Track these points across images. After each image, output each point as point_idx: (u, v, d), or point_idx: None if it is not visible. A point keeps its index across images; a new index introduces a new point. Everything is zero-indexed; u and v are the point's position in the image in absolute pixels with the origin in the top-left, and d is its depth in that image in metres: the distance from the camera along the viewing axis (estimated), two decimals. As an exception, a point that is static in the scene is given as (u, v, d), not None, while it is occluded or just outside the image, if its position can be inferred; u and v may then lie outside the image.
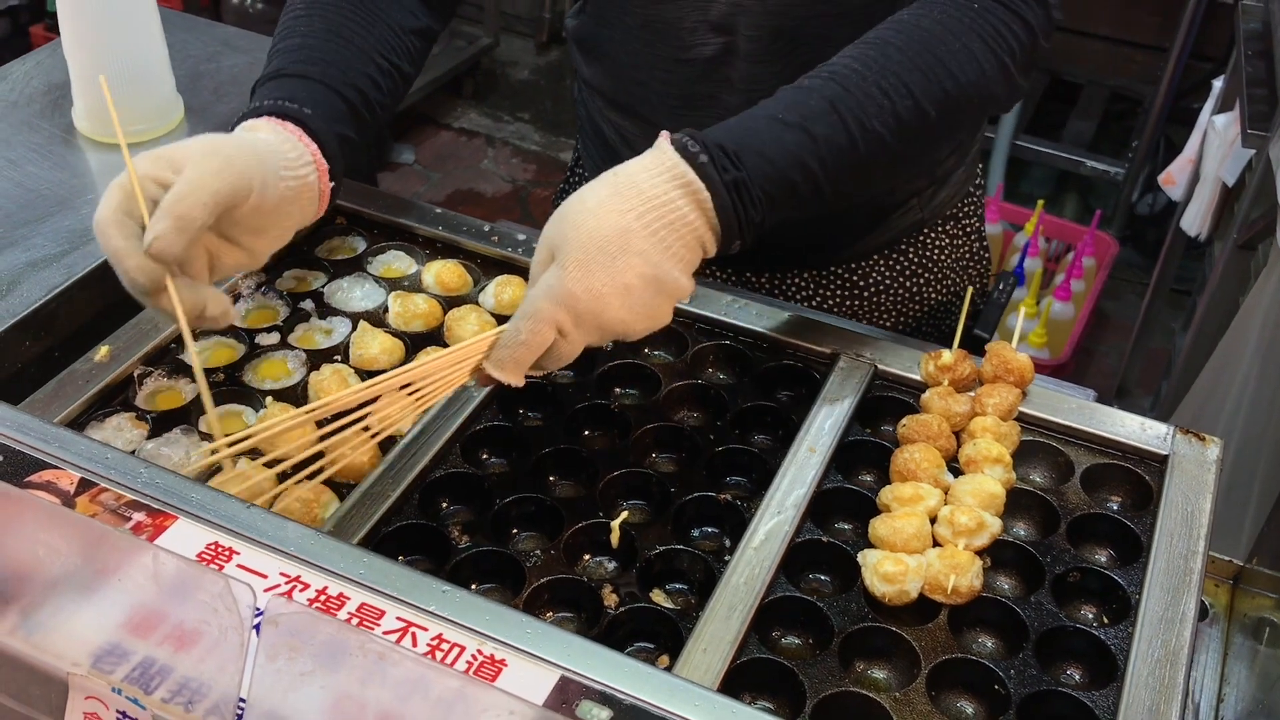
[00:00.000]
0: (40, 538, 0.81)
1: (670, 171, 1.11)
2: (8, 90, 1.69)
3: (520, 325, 1.10)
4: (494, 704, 0.70)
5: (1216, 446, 1.26)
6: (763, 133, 1.14)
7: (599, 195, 1.10)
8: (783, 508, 1.17)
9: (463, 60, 4.69)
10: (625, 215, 1.08)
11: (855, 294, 1.62)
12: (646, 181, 1.10)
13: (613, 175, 1.12)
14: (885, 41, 1.19)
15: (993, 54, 1.20)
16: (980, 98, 1.22)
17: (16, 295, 1.33)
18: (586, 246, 1.07)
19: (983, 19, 1.21)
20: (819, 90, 1.16)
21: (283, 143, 1.19)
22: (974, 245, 1.70)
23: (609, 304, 1.09)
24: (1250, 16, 2.66)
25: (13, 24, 4.57)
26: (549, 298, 1.08)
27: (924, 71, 1.17)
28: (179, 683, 0.79)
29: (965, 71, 1.19)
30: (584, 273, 1.07)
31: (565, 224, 1.10)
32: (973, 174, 1.66)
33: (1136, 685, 1.03)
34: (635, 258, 1.08)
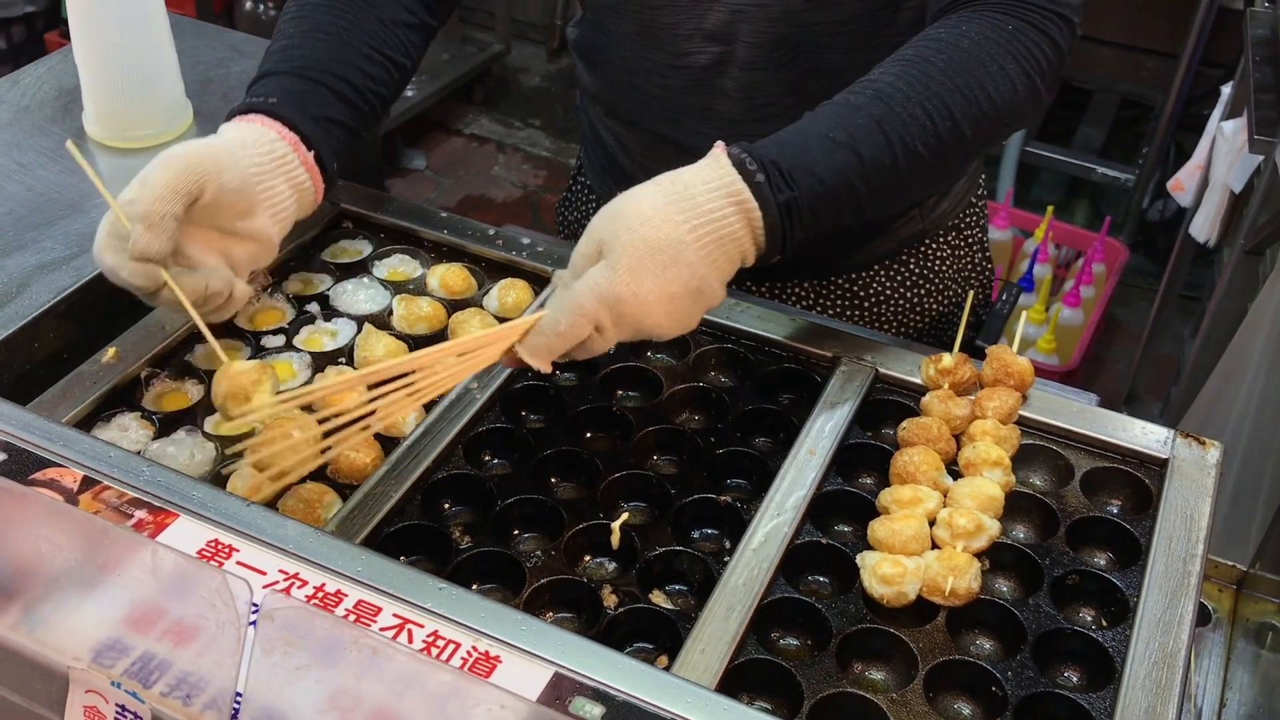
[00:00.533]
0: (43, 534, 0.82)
1: (727, 188, 1.13)
2: (19, 95, 1.70)
3: (561, 317, 1.11)
4: (486, 698, 0.71)
5: (1216, 450, 1.27)
6: (814, 151, 1.16)
7: (655, 203, 1.11)
8: (782, 509, 1.18)
9: (474, 67, 4.71)
10: (680, 226, 1.10)
11: (856, 304, 1.63)
12: (703, 194, 1.12)
13: (670, 183, 1.13)
14: (927, 60, 1.20)
15: (1025, 75, 1.22)
16: (1012, 117, 1.24)
17: (26, 297, 1.35)
18: (640, 252, 1.09)
19: (1016, 40, 1.22)
20: (866, 109, 1.17)
21: (242, 131, 1.24)
22: (976, 256, 1.70)
23: (652, 310, 1.11)
24: (1258, 23, 2.66)
25: (28, 30, 4.61)
26: (595, 296, 1.10)
27: (964, 93, 1.19)
28: (177, 677, 0.80)
29: (1001, 93, 1.21)
30: (634, 278, 1.09)
31: (619, 225, 1.11)
32: (975, 184, 1.67)
33: (1134, 687, 1.04)
34: (684, 269, 1.10)
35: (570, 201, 1.81)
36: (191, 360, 1.33)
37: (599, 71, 1.53)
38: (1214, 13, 3.53)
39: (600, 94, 1.57)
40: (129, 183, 1.17)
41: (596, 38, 1.51)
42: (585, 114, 1.67)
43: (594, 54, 1.53)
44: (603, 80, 1.53)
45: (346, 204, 1.59)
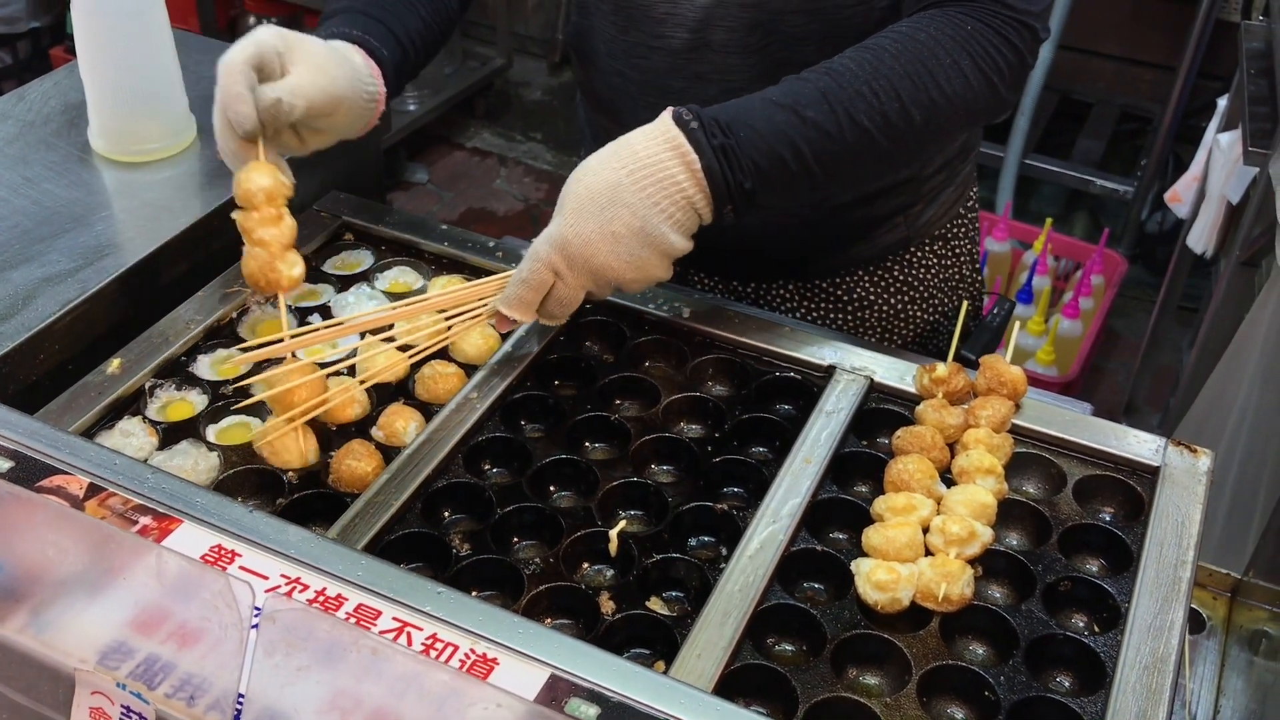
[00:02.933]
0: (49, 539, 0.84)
1: (663, 136, 1.23)
2: (25, 110, 1.72)
3: (523, 266, 1.25)
4: (483, 698, 0.72)
5: (1208, 458, 1.28)
6: (755, 110, 1.24)
7: (599, 156, 1.24)
8: (778, 517, 1.19)
9: (476, 81, 4.74)
10: (618, 172, 1.21)
11: (840, 308, 1.65)
12: (641, 144, 1.23)
13: (614, 142, 1.24)
14: (881, 48, 1.27)
15: (979, 71, 1.28)
16: (965, 110, 1.30)
17: (31, 309, 1.36)
18: (581, 197, 1.22)
19: (974, 39, 1.28)
20: (813, 81, 1.26)
21: (362, 64, 1.38)
22: (964, 268, 1.72)
23: (598, 249, 1.22)
24: (1252, 36, 2.68)
25: (33, 46, 4.64)
26: (546, 241, 1.24)
27: (913, 79, 1.26)
28: (181, 678, 0.81)
29: (952, 84, 1.27)
30: (577, 219, 1.22)
31: (570, 179, 1.24)
32: (963, 196, 1.69)
33: (1125, 692, 1.05)
34: (623, 209, 1.21)
35: None
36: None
37: (586, 61, 1.58)
38: (1211, 26, 3.55)
39: (588, 85, 1.61)
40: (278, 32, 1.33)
41: (581, 23, 1.56)
42: (580, 113, 1.73)
43: (581, 42, 1.57)
44: (590, 68, 1.57)
45: (348, 216, 1.61)
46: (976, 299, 1.77)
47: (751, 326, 1.43)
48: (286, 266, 1.32)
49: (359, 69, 1.37)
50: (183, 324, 1.41)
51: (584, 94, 1.66)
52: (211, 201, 1.56)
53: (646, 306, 1.45)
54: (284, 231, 1.33)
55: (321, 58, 1.32)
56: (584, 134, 1.75)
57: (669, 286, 1.51)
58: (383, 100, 1.42)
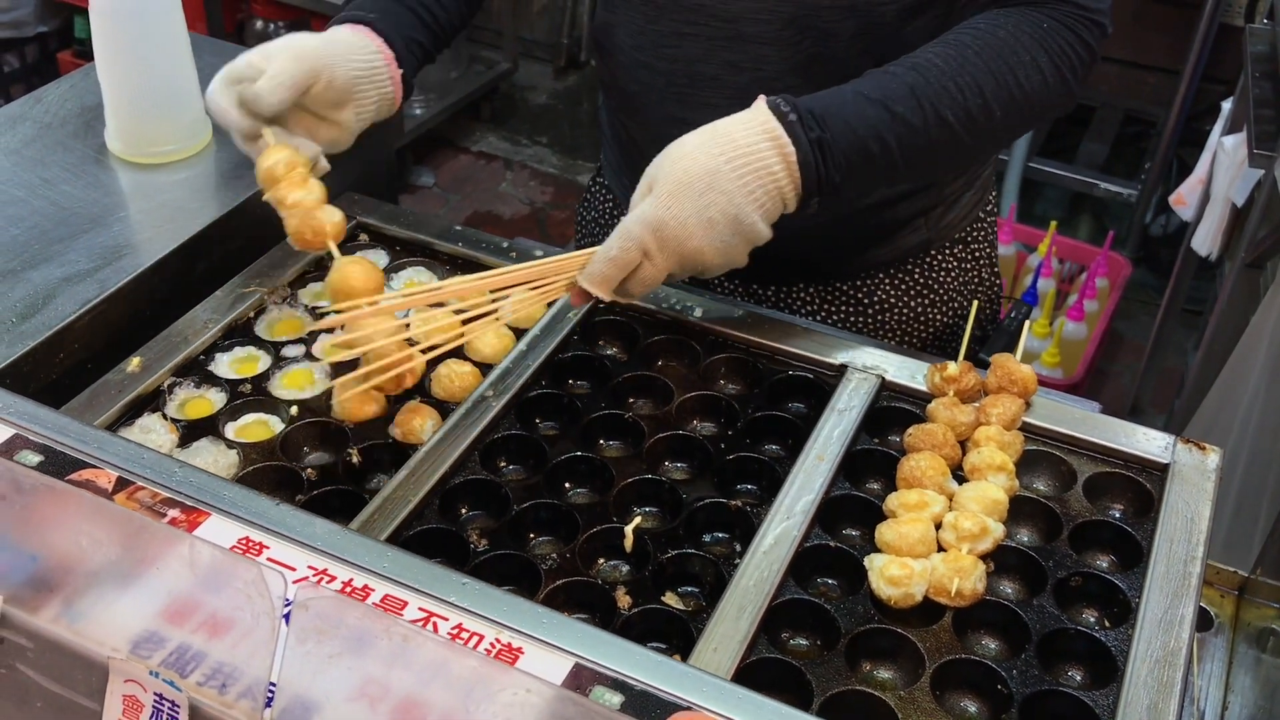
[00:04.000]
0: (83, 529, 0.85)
1: (762, 125, 1.23)
2: (42, 112, 1.74)
3: (612, 244, 1.24)
4: (512, 683, 0.73)
5: (1216, 455, 1.29)
6: (848, 104, 1.26)
7: (696, 140, 1.24)
8: (791, 513, 1.21)
9: (482, 85, 4.75)
10: (717, 158, 1.22)
11: (860, 310, 1.66)
12: (739, 131, 1.23)
13: (711, 127, 1.25)
14: (964, 44, 1.31)
15: (1055, 68, 1.33)
16: (1041, 105, 1.35)
17: (51, 309, 1.38)
18: (680, 181, 1.22)
19: (1050, 36, 1.33)
20: (901, 76, 1.28)
21: (352, 36, 1.43)
22: (983, 271, 1.73)
23: (692, 234, 1.23)
24: (1258, 39, 2.69)
25: (41, 50, 4.66)
26: (640, 222, 1.23)
27: (995, 77, 1.30)
28: (213, 667, 0.83)
29: (1031, 81, 1.31)
30: (674, 202, 1.22)
31: (665, 160, 1.24)
32: (983, 199, 1.70)
33: (1136, 685, 1.06)
34: (720, 195, 1.22)
35: (589, 202, 1.86)
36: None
37: (610, 55, 1.57)
38: (1215, 29, 3.57)
39: (612, 80, 1.61)
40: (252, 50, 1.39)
41: (608, 17, 1.56)
42: (603, 112, 1.73)
43: (607, 36, 1.57)
44: (614, 63, 1.57)
45: (363, 217, 1.62)
46: (994, 302, 1.78)
47: (763, 326, 1.44)
48: (326, 215, 1.35)
49: (343, 40, 1.41)
50: (201, 323, 1.43)
51: (606, 91, 1.66)
52: (228, 202, 1.57)
53: (659, 306, 1.46)
54: (312, 190, 1.36)
55: (299, 45, 1.37)
56: (604, 134, 1.76)
57: (682, 286, 1.52)
58: (390, 60, 1.45)
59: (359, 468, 1.28)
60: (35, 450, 1.01)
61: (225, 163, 1.65)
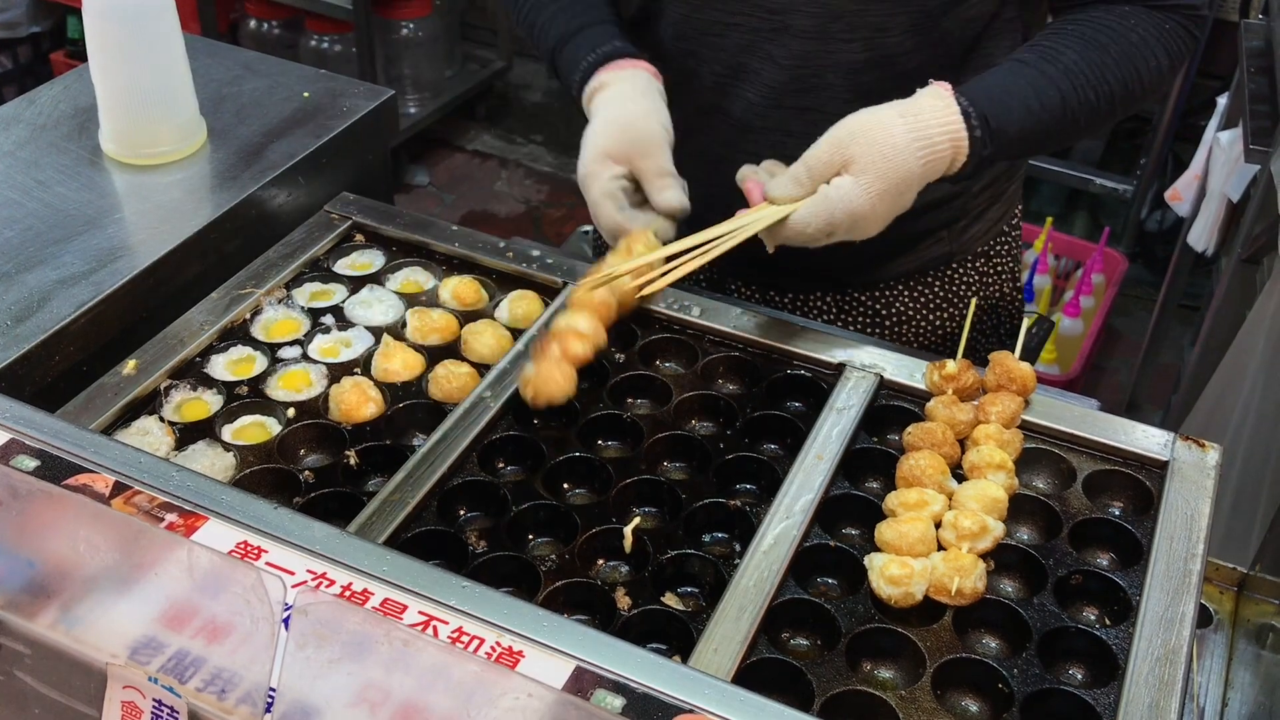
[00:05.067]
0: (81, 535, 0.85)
1: (953, 135, 1.31)
2: (36, 114, 1.73)
3: (813, 222, 1.29)
4: (513, 688, 0.73)
5: (1216, 453, 1.29)
6: (1016, 115, 1.34)
7: (905, 137, 1.29)
8: (791, 513, 1.20)
9: (476, 83, 4.75)
10: (919, 161, 1.29)
11: (878, 322, 1.65)
12: (938, 135, 1.30)
13: (914, 117, 1.30)
14: (1104, 48, 1.39)
15: (1171, 68, 1.43)
16: (1152, 97, 1.47)
17: (47, 311, 1.37)
18: (889, 180, 1.28)
19: (1172, 39, 1.42)
20: (1056, 83, 1.36)
21: (653, 87, 1.45)
22: (1005, 285, 1.71)
23: (873, 227, 1.32)
24: (1253, 35, 2.69)
25: (34, 50, 4.65)
26: (848, 211, 1.29)
27: (1126, 85, 1.40)
28: (212, 672, 0.82)
29: (1151, 80, 1.42)
30: (880, 201, 1.29)
31: (874, 151, 1.28)
32: (1009, 213, 1.69)
33: (1137, 683, 1.06)
34: (909, 194, 1.32)
35: None
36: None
37: (650, 43, 1.56)
38: (1210, 25, 3.56)
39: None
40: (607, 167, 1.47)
41: (648, 6, 1.56)
42: None
43: (646, 26, 1.56)
44: (656, 54, 1.56)
45: (359, 217, 1.62)
46: (1015, 317, 1.77)
47: (762, 325, 1.44)
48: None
49: (658, 93, 1.45)
50: (197, 325, 1.42)
51: None
52: (223, 204, 1.56)
53: (658, 306, 1.46)
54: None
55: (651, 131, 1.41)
56: None
57: (680, 286, 1.52)
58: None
59: (357, 469, 1.27)
60: (31, 455, 1.00)
61: (219, 164, 1.64)
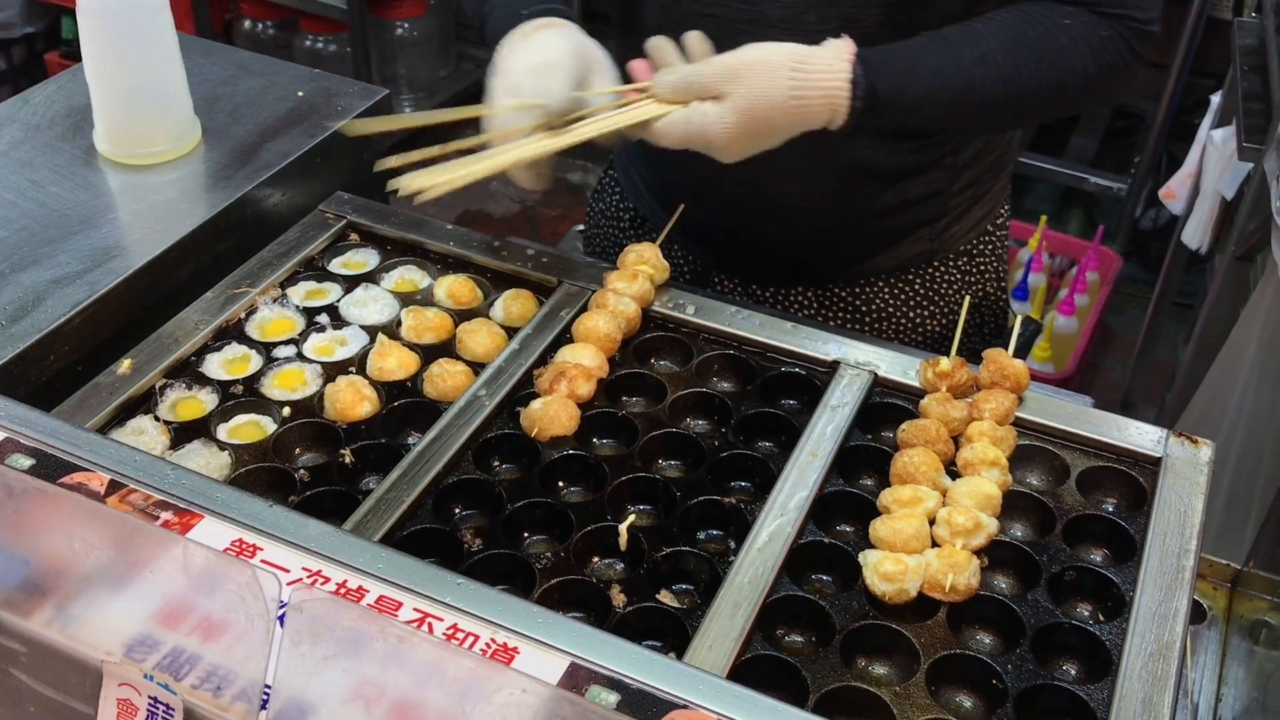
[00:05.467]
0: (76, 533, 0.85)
1: (834, 100, 1.30)
2: (30, 114, 1.73)
3: (670, 133, 1.32)
4: (508, 683, 0.73)
5: (1209, 449, 1.30)
6: (913, 92, 1.33)
7: (786, 88, 1.28)
8: (785, 510, 1.21)
9: (471, 83, 4.74)
10: (789, 116, 1.29)
11: (858, 318, 1.66)
12: (815, 96, 1.29)
13: (804, 70, 1.29)
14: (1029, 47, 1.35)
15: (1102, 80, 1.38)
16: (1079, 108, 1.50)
17: (41, 311, 1.37)
18: (752, 124, 1.29)
19: (1105, 49, 1.37)
20: (968, 71, 1.33)
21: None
22: (988, 285, 1.71)
23: (732, 156, 1.33)
24: (1246, 33, 2.70)
25: (28, 51, 4.64)
26: (702, 133, 1.31)
27: (1046, 86, 1.36)
28: (208, 670, 0.82)
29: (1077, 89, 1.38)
30: (735, 138, 1.30)
31: (753, 92, 1.29)
32: (993, 212, 1.68)
33: (1130, 679, 1.06)
34: (770, 139, 1.32)
35: (599, 194, 1.86)
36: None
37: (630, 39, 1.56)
38: (1203, 24, 3.57)
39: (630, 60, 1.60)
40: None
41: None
42: None
43: (627, 19, 1.57)
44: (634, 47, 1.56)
45: (354, 216, 1.62)
46: (1000, 316, 1.77)
47: (756, 323, 1.44)
48: None
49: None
50: (192, 324, 1.42)
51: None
52: (217, 203, 1.57)
53: (652, 304, 1.46)
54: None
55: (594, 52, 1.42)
56: None
57: (675, 284, 1.52)
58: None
59: (352, 468, 1.28)
60: (27, 454, 1.00)
61: (214, 164, 1.65)
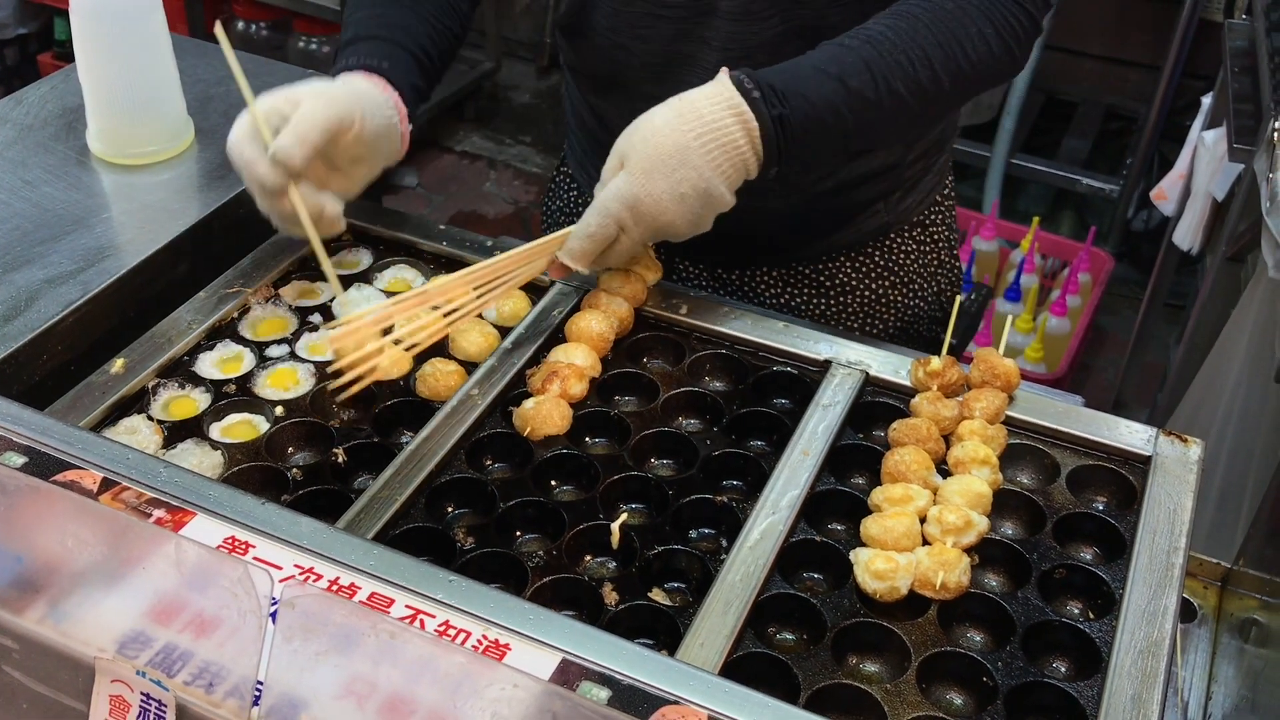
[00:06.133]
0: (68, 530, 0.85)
1: (728, 102, 1.29)
2: (23, 114, 1.73)
3: (590, 220, 1.32)
4: (500, 679, 0.74)
5: (1198, 447, 1.30)
6: (807, 79, 1.32)
7: (664, 116, 1.29)
8: (777, 508, 1.21)
9: (465, 84, 4.75)
10: (686, 135, 1.27)
11: (823, 294, 1.69)
12: (706, 108, 1.28)
13: (678, 101, 1.30)
14: (914, 17, 1.35)
15: (1000, 39, 1.37)
16: (986, 74, 1.40)
17: (34, 310, 1.38)
18: (652, 158, 1.28)
19: (995, 8, 1.37)
20: (856, 50, 1.33)
21: (372, 89, 1.39)
22: (942, 254, 1.76)
23: (666, 209, 1.29)
24: (1237, 35, 2.71)
25: (21, 52, 4.64)
26: (617, 198, 1.30)
27: (944, 48, 1.34)
28: (200, 666, 0.83)
29: (977, 51, 1.36)
30: (648, 180, 1.28)
31: (635, 137, 1.30)
32: (940, 183, 1.73)
33: (1120, 676, 1.07)
34: (691, 171, 1.28)
35: (554, 192, 1.87)
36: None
37: (583, 39, 1.57)
38: (1194, 25, 3.59)
39: (583, 65, 1.61)
40: (274, 94, 1.33)
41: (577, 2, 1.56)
42: (569, 100, 1.75)
43: (578, 20, 1.57)
44: (586, 47, 1.58)
45: (347, 217, 1.61)
46: (956, 285, 1.82)
47: (748, 322, 1.45)
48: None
49: (366, 91, 1.38)
50: (185, 324, 1.43)
51: (576, 76, 1.67)
52: (210, 203, 1.57)
53: (645, 304, 1.47)
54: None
55: (328, 90, 1.34)
56: (569, 123, 1.77)
57: (667, 284, 1.53)
58: (403, 115, 1.42)
59: (345, 467, 1.28)
60: (19, 451, 1.00)
61: (207, 164, 1.65)
